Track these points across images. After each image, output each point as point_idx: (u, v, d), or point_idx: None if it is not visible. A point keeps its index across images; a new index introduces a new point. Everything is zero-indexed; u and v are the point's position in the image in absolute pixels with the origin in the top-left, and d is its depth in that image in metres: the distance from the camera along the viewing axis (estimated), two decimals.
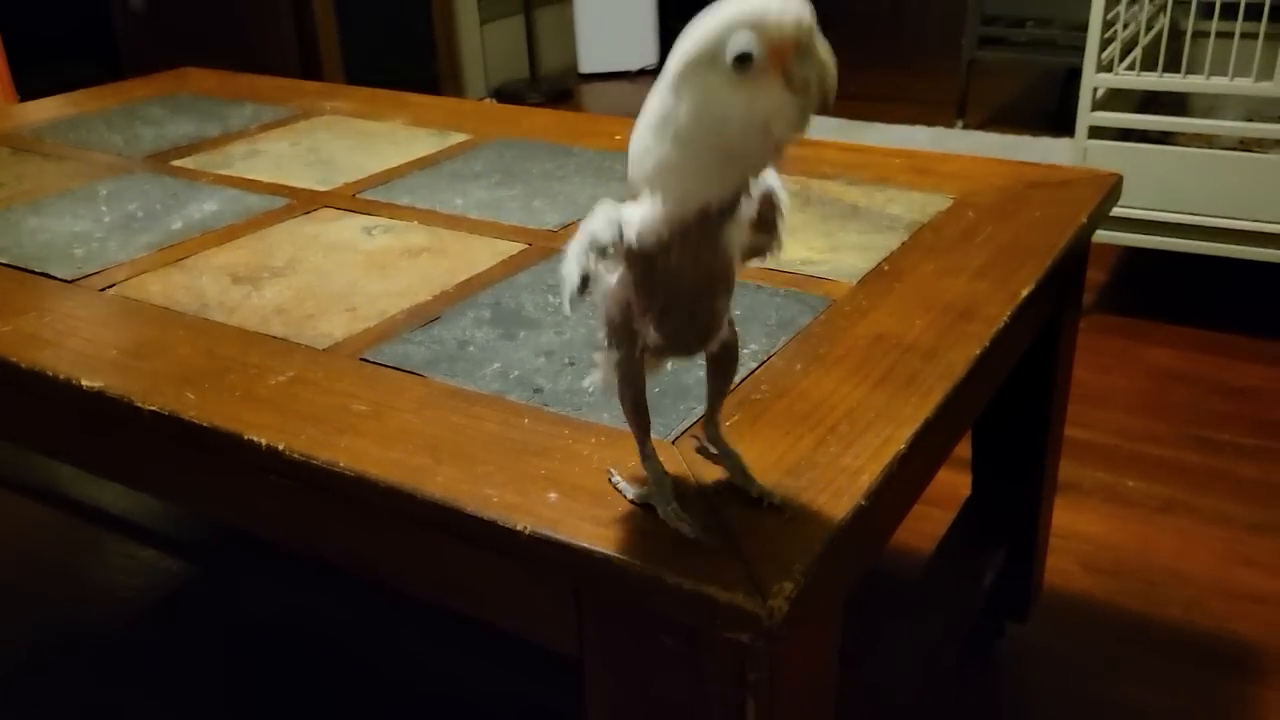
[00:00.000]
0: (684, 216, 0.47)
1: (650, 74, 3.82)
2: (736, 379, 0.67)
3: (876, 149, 1.13)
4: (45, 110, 1.40)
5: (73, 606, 1.31)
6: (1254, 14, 1.73)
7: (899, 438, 0.59)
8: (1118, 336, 1.88)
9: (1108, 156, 1.79)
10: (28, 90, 1.86)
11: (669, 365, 0.60)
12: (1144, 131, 1.86)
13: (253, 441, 0.63)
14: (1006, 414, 1.03)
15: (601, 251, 0.49)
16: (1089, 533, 1.38)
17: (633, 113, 0.51)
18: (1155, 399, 1.69)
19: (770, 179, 0.52)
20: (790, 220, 0.55)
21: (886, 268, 0.83)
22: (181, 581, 1.35)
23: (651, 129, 0.47)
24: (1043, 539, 1.13)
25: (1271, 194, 1.70)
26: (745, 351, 0.71)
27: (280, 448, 0.61)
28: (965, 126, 2.92)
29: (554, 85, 3.63)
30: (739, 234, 0.50)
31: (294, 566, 1.13)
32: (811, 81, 0.44)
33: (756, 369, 0.69)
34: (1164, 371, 1.77)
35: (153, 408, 0.66)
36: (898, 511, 0.67)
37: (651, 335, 0.51)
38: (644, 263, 0.49)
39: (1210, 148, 1.85)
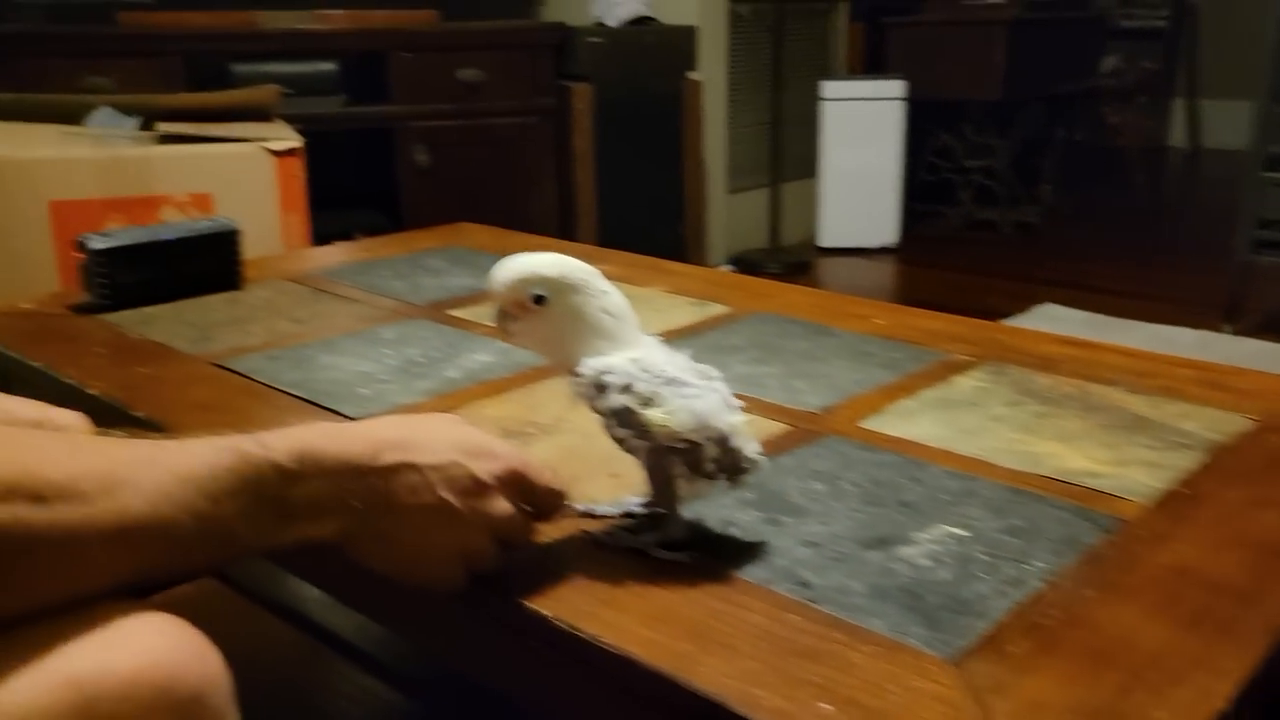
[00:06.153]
0: None
1: (890, 252, 3.83)
2: (1020, 597, 0.62)
3: (1160, 356, 1.07)
4: (339, 255, 1.53)
5: None
6: None
7: (1219, 693, 0.53)
8: None
9: None
10: (317, 234, 2.04)
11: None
12: None
13: (518, 604, 0.63)
14: None
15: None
16: None
17: (872, 290, 0.50)
18: None
19: None
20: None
21: (1184, 491, 0.76)
22: (401, 717, 1.36)
23: None
24: None
25: None
26: (1028, 568, 0.66)
27: (548, 614, 0.61)
28: (1236, 332, 2.75)
29: (792, 257, 3.69)
30: None
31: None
32: None
33: (1042, 589, 0.64)
34: None
35: None
36: None
37: None
38: None
39: None
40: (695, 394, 0.66)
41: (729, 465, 0.66)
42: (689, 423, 0.64)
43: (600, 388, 0.65)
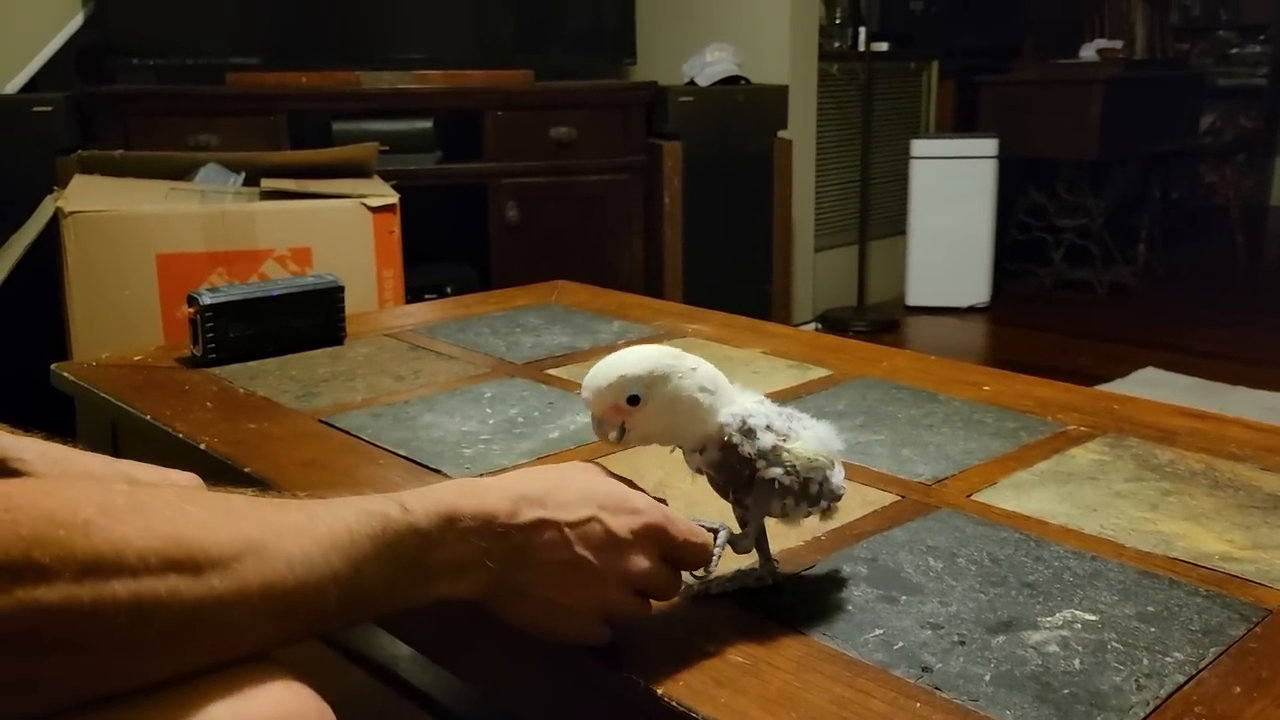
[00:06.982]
0: None
1: (980, 311, 3.76)
2: (1160, 692, 0.59)
3: None
4: (436, 311, 1.54)
5: None
6: None
7: None
8: None
9: None
10: (408, 286, 2.06)
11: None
12: None
13: (630, 679, 0.61)
14: None
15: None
16: None
17: (962, 350, 0.48)
18: None
19: None
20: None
21: None
22: None
23: None
24: None
25: None
26: (1167, 660, 0.62)
27: (660, 692, 0.59)
28: None
29: (880, 315, 3.64)
30: None
31: None
32: None
33: (1185, 684, 0.60)
34: None
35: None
36: None
37: None
38: None
39: None
40: (811, 424, 0.69)
41: (829, 492, 0.69)
42: (821, 450, 0.68)
43: (749, 432, 0.66)
